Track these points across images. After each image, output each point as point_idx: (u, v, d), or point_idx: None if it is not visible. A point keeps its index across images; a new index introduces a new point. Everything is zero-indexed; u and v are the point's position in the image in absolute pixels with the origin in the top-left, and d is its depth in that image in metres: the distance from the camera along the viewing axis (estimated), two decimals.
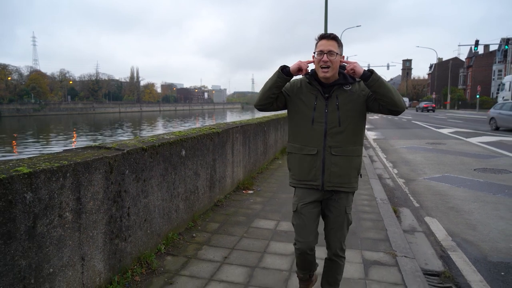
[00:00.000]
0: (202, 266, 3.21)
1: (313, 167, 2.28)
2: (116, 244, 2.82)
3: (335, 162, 2.25)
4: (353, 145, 2.28)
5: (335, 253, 2.40)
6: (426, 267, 3.52)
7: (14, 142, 26.39)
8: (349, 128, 2.24)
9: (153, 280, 2.96)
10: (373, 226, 4.29)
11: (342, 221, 2.35)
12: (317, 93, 2.26)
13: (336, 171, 2.25)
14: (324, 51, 2.15)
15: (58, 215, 2.23)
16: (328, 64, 2.16)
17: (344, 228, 2.37)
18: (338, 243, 2.38)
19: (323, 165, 2.26)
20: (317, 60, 2.20)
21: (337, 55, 2.17)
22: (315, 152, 2.26)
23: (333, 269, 2.45)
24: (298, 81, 2.38)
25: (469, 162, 9.22)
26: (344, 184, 2.29)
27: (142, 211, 3.15)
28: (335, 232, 2.36)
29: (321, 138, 2.24)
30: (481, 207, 5.42)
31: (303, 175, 2.32)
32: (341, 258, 2.42)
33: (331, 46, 2.15)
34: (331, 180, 2.26)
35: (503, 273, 3.40)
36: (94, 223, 2.55)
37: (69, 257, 2.33)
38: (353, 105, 2.25)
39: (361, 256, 3.44)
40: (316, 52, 2.20)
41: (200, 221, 4.30)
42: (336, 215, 2.34)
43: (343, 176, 2.27)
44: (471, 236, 4.31)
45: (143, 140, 3.44)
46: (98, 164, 2.57)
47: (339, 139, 2.23)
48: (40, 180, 2.09)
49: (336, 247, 2.39)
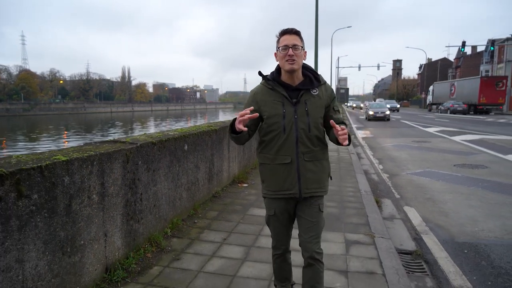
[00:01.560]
0: (204, 246, 3.67)
1: (288, 176, 2.21)
2: (131, 225, 3.26)
3: (309, 168, 2.21)
4: (321, 149, 2.26)
5: (312, 255, 2.23)
6: (400, 247, 4.01)
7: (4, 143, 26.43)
8: (317, 132, 2.22)
9: (162, 256, 3.40)
10: (356, 213, 4.78)
11: (317, 220, 2.28)
12: (283, 99, 2.19)
13: (311, 177, 2.22)
14: (289, 45, 2.12)
15: (87, 196, 2.67)
16: (293, 58, 2.12)
17: (319, 226, 2.29)
18: (313, 243, 2.24)
19: (298, 173, 2.20)
20: (282, 55, 2.15)
21: (301, 48, 2.15)
22: (289, 160, 2.19)
23: (312, 276, 2.27)
24: (258, 92, 2.28)
25: (450, 159, 9.80)
26: (320, 189, 2.27)
27: (152, 197, 3.59)
28: (310, 232, 2.25)
29: (293, 146, 2.18)
30: (455, 198, 5.95)
31: (278, 185, 2.25)
32: (319, 262, 2.25)
33: (295, 40, 2.13)
34: (307, 187, 2.22)
35: (466, 251, 3.91)
36: (114, 205, 2.99)
37: (95, 233, 2.77)
38: (320, 109, 2.23)
39: (344, 237, 3.93)
40: (281, 47, 2.15)
41: (200, 209, 4.76)
42: (311, 214, 2.27)
43: (319, 181, 2.25)
44: (443, 222, 4.83)
45: (151, 135, 3.88)
46: (118, 155, 3.01)
47: (309, 145, 2.20)
48: (75, 167, 2.53)
49: (312, 249, 2.24)
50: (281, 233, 2.39)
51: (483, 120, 27.63)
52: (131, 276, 3.00)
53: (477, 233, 4.41)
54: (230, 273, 3.10)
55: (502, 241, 4.13)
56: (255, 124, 2.27)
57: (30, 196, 2.18)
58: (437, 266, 3.57)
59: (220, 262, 3.32)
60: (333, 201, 5.25)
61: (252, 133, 2.29)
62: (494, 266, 3.55)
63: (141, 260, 3.26)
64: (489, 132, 17.16)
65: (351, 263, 3.31)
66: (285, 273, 2.52)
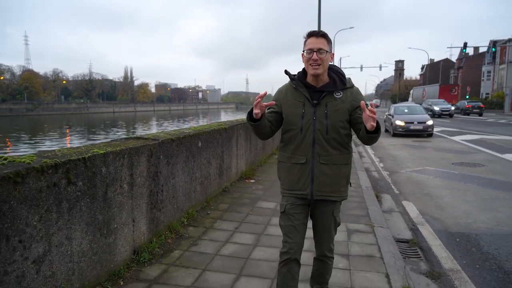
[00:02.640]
0: (218, 234, 4.02)
1: (302, 176, 2.23)
2: (154, 213, 3.62)
3: (323, 171, 2.20)
4: (341, 153, 2.23)
5: (323, 253, 2.40)
6: (398, 237, 4.35)
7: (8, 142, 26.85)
8: (337, 136, 2.19)
9: (181, 242, 3.76)
10: (357, 206, 5.13)
11: (329, 224, 2.32)
12: (305, 100, 2.21)
13: (325, 180, 2.21)
14: (313, 49, 2.11)
15: (120, 185, 3.03)
16: (318, 63, 2.11)
17: (332, 230, 2.35)
18: (326, 244, 2.37)
19: (312, 174, 2.21)
20: (306, 58, 2.15)
21: (327, 53, 2.13)
22: (304, 161, 2.21)
23: (321, 268, 2.46)
24: (283, 90, 2.33)
25: (448, 157, 10.13)
26: (333, 193, 2.25)
27: (171, 189, 3.95)
28: (322, 234, 2.35)
29: (309, 147, 2.19)
30: (452, 194, 6.29)
31: (292, 185, 2.28)
32: (329, 258, 2.42)
33: (321, 44, 2.11)
34: (320, 189, 2.22)
35: (458, 240, 4.25)
36: (140, 195, 3.35)
37: (125, 218, 3.13)
38: (342, 113, 2.19)
39: (346, 227, 4.27)
40: (306, 50, 2.15)
41: (212, 202, 5.11)
42: (324, 218, 2.31)
43: (333, 185, 2.23)
44: (439, 215, 5.17)
45: (169, 133, 4.24)
46: (144, 150, 3.37)
47: (327, 148, 2.19)
48: (110, 159, 2.89)
49: (323, 248, 2.39)
50: (290, 234, 2.26)
51: (484, 120, 27.91)
52: (155, 258, 3.36)
53: (469, 224, 4.75)
54: (244, 256, 3.46)
55: (492, 231, 4.47)
56: (276, 120, 2.29)
57: (76, 183, 2.54)
58: (431, 252, 3.91)
59: (233, 247, 3.68)
60: None
61: (275, 129, 2.32)
62: (483, 252, 3.89)
63: (162, 245, 3.62)
64: (489, 132, 17.46)
65: (352, 248, 3.66)
66: (291, 282, 2.27)
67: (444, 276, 3.38)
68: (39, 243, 2.24)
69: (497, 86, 55.78)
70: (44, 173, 2.26)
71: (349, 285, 2.93)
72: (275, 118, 2.29)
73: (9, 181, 2.02)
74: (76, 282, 2.57)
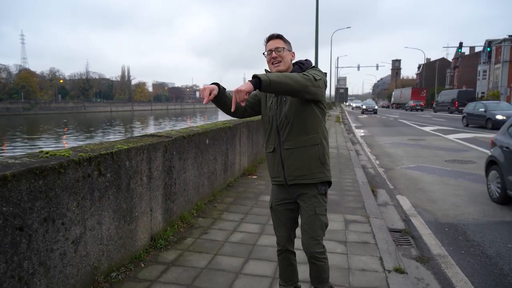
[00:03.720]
0: (226, 224, 4.36)
1: (275, 163, 2.38)
2: (168, 204, 3.95)
3: (289, 156, 2.30)
4: (306, 134, 2.28)
5: (311, 255, 2.35)
6: (391, 227, 4.70)
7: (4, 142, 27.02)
8: (296, 119, 2.27)
9: (192, 231, 4.09)
10: (354, 199, 5.48)
11: (312, 222, 2.31)
12: (272, 95, 2.39)
13: (293, 164, 2.30)
14: (272, 49, 2.32)
15: (140, 178, 3.36)
16: (278, 60, 2.31)
17: (316, 229, 2.32)
18: (311, 246, 2.33)
19: (281, 160, 2.33)
20: (268, 58, 2.36)
21: (284, 49, 2.32)
22: (272, 149, 2.38)
23: (316, 269, 2.41)
24: None
25: (442, 155, 10.50)
26: (305, 176, 2.29)
27: (182, 182, 4.28)
28: (305, 232, 2.34)
29: (275, 135, 2.35)
30: (443, 188, 6.65)
31: (270, 172, 2.46)
32: (319, 259, 2.35)
33: (277, 43, 2.32)
34: (291, 173, 2.31)
35: (446, 229, 4.61)
36: (157, 187, 3.68)
37: (144, 208, 3.46)
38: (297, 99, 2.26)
39: (343, 218, 4.62)
40: (266, 52, 2.36)
41: (218, 196, 5.45)
42: (307, 215, 2.33)
43: (302, 168, 2.29)
44: (430, 207, 5.53)
45: (180, 131, 4.57)
46: (159, 146, 3.70)
47: (289, 133, 2.29)
48: (132, 154, 3.22)
49: (310, 251, 2.34)
50: (279, 228, 2.49)
51: None
52: (170, 245, 3.69)
53: (458, 215, 5.11)
54: (251, 243, 3.79)
55: (478, 222, 4.83)
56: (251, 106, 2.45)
57: (106, 174, 2.87)
58: (421, 240, 4.27)
59: (241, 235, 4.01)
60: (334, 190, 5.94)
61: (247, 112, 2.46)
62: (469, 240, 4.25)
63: (176, 233, 3.96)
64: (483, 131, 17.88)
65: (349, 236, 4.00)
66: (288, 273, 2.54)
67: (432, 260, 3.73)
68: (77, 226, 2.57)
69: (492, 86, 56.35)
70: (80, 165, 2.58)
71: (346, 266, 3.28)
72: (251, 103, 2.45)
73: (55, 171, 2.35)
74: (105, 262, 2.90)
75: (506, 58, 50.83)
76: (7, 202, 2.02)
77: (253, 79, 1.97)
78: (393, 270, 3.20)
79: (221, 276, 3.07)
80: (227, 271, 3.17)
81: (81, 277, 2.63)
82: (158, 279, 3.00)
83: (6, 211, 2.01)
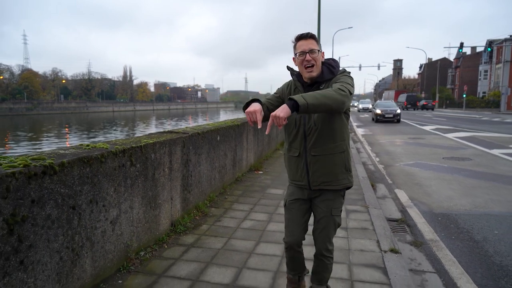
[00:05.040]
0: (236, 213, 4.76)
1: (298, 167, 2.34)
2: (185, 194, 4.35)
3: (316, 162, 2.27)
4: (333, 142, 2.26)
5: (320, 252, 2.40)
6: (389, 217, 5.09)
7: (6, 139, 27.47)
8: (325, 126, 2.23)
9: (207, 219, 4.50)
10: (354, 192, 5.87)
11: (327, 222, 2.34)
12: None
13: (319, 171, 2.27)
14: (305, 50, 2.17)
15: (162, 169, 3.76)
16: (312, 63, 2.18)
17: (330, 229, 2.36)
18: (322, 243, 2.37)
19: (306, 166, 2.30)
20: (300, 61, 2.21)
21: (318, 52, 2.21)
22: (297, 154, 2.32)
23: (320, 267, 2.45)
24: (286, 85, 2.42)
25: (440, 153, 10.88)
26: (331, 182, 2.29)
27: (197, 175, 4.68)
28: (320, 232, 2.36)
29: (302, 140, 2.29)
30: (439, 183, 7.04)
31: (292, 175, 2.42)
32: (327, 257, 2.40)
33: (311, 45, 2.18)
34: (316, 179, 2.29)
35: (440, 218, 5.01)
36: (176, 178, 4.09)
37: (166, 196, 3.86)
38: None
39: (345, 208, 5.01)
40: (298, 53, 2.21)
41: (228, 189, 5.85)
42: (322, 215, 2.34)
43: (328, 175, 2.27)
44: (425, 200, 5.92)
45: (194, 128, 4.98)
46: (179, 141, 4.11)
47: (317, 139, 2.25)
48: (157, 147, 3.62)
49: (320, 247, 2.39)
50: (289, 227, 2.44)
51: (478, 119, 28.71)
52: (188, 230, 4.10)
53: (451, 207, 5.50)
54: (260, 229, 4.19)
55: (469, 212, 5.22)
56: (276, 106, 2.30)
57: (136, 165, 3.27)
58: (416, 228, 4.66)
59: (251, 222, 4.42)
60: None
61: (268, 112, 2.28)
62: (459, 227, 4.65)
63: (192, 220, 4.36)
64: (481, 129, 18.25)
65: (350, 223, 4.40)
66: (296, 266, 2.56)
67: (425, 244, 4.13)
68: (114, 208, 2.97)
69: (493, 85, 56.70)
70: (117, 156, 2.99)
71: (347, 248, 3.68)
72: (274, 104, 2.34)
73: (98, 160, 2.76)
74: (135, 243, 3.30)
75: (507, 58, 51.10)
76: (64, 185, 2.42)
77: (289, 101, 1.94)
78: (389, 250, 3.60)
79: (236, 255, 3.47)
80: (241, 251, 3.57)
81: (117, 253, 3.03)
82: (181, 258, 3.41)
83: (63, 192, 2.42)
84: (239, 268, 3.22)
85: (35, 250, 2.19)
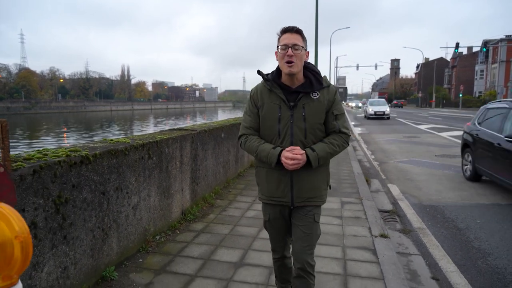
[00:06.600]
0: (240, 204, 5.15)
1: (281, 183, 2.12)
2: (194, 186, 4.74)
3: (303, 177, 2.10)
4: None
5: (303, 267, 2.13)
6: (381, 208, 5.49)
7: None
8: (315, 139, 2.10)
9: (213, 209, 4.89)
10: (349, 186, 6.28)
11: (310, 230, 2.16)
12: (281, 102, 2.08)
13: (305, 186, 2.11)
14: (288, 44, 2.00)
15: (175, 162, 4.15)
16: (293, 60, 1.99)
17: (313, 237, 2.17)
18: (306, 254, 2.14)
19: (291, 180, 2.10)
20: (281, 55, 2.03)
21: (302, 48, 2.02)
22: (280, 168, 2.06)
23: (301, 286, 2.18)
24: (257, 91, 2.18)
25: (433, 150, 11.31)
26: (315, 198, 2.15)
27: (204, 169, 5.07)
28: (301, 242, 2.14)
29: None
30: (430, 178, 7.46)
31: (271, 191, 2.17)
32: (309, 275, 2.15)
33: (296, 40, 2.01)
34: (300, 196, 2.12)
35: (428, 209, 5.42)
36: (186, 171, 4.47)
37: (177, 187, 4.25)
38: (320, 114, 2.09)
39: (340, 200, 5.42)
40: (280, 46, 2.04)
41: (231, 183, 6.25)
42: (304, 224, 2.16)
43: (313, 190, 2.14)
44: (416, 193, 6.33)
45: (201, 125, 5.37)
46: (188, 137, 4.49)
47: None
48: (169, 142, 4.01)
49: (303, 260, 2.13)
50: (276, 239, 2.35)
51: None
52: (197, 218, 4.49)
53: (439, 199, 5.91)
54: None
55: (455, 204, 5.64)
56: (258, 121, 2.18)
57: (152, 158, 3.66)
58: (405, 218, 5.07)
59: (254, 212, 4.81)
60: (332, 179, 6.74)
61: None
62: (445, 217, 5.06)
63: (200, 210, 4.75)
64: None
65: (344, 213, 4.80)
66: (285, 275, 2.48)
67: (413, 231, 4.53)
68: (135, 195, 3.36)
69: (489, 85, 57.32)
70: (137, 149, 3.38)
71: (341, 233, 4.08)
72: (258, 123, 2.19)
73: (122, 153, 3.14)
74: (151, 227, 3.69)
75: (503, 58, 51.75)
76: (96, 173, 2.81)
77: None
78: (379, 235, 4.00)
79: (242, 239, 3.87)
80: (246, 236, 3.97)
81: (138, 235, 3.42)
82: (192, 241, 3.80)
83: (96, 179, 2.81)
84: (245, 249, 3.62)
85: (74, 228, 2.58)
